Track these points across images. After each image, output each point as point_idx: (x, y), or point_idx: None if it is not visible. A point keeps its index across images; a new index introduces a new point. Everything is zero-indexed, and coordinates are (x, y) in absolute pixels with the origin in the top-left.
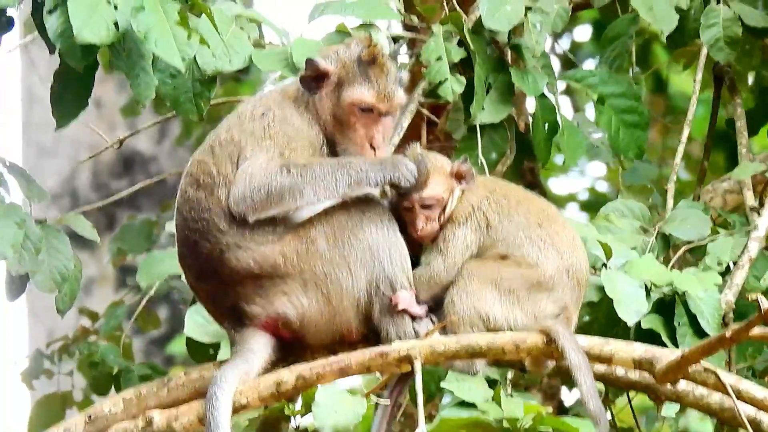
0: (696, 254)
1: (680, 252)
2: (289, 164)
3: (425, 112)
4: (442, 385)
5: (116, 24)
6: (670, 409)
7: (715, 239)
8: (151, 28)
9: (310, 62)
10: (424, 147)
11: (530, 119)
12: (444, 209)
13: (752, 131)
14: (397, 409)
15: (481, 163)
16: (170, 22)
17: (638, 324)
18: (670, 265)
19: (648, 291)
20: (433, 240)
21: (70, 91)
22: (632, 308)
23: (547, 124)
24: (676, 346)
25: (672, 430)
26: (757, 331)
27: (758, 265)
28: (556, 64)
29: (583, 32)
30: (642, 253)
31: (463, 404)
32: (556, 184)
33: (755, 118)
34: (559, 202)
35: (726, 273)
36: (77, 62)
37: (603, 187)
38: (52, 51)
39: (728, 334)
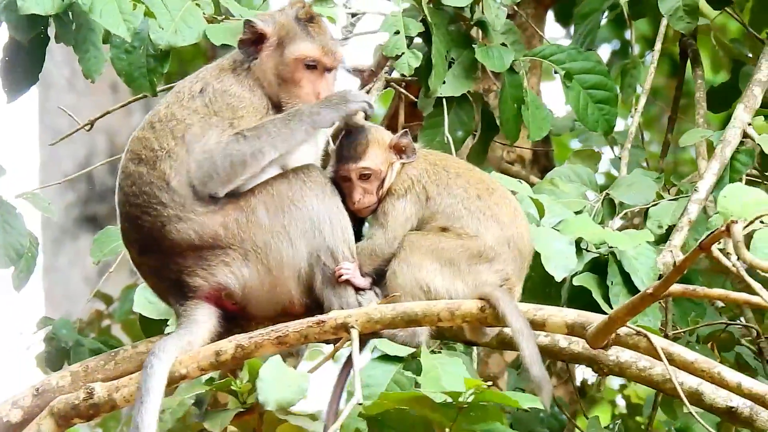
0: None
1: (619, 215)
2: (242, 131)
3: (403, 91)
4: (372, 341)
5: None
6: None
7: (658, 203)
8: None
9: (248, 23)
10: (402, 125)
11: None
12: (382, 182)
13: (726, 105)
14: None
15: (447, 139)
16: None
17: (572, 284)
18: (609, 226)
19: (581, 249)
20: (373, 213)
21: (20, 65)
22: (561, 264)
23: (515, 101)
24: (610, 305)
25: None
26: (677, 287)
27: (698, 227)
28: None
29: None
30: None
31: (386, 358)
32: None
33: (727, 92)
34: None
35: (667, 237)
36: (23, 35)
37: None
38: None
39: (650, 290)
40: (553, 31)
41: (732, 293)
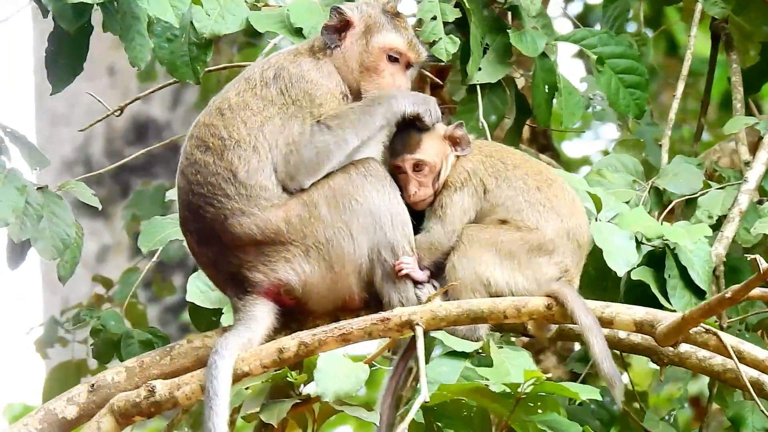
0: (690, 209)
1: (671, 205)
2: (324, 120)
3: (429, 74)
4: (432, 334)
5: None
6: None
7: (707, 193)
8: None
9: (336, 9)
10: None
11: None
12: (438, 175)
13: (755, 88)
14: (407, 375)
15: (482, 125)
16: None
17: (629, 277)
18: (661, 218)
19: (638, 243)
20: (430, 206)
21: (65, 55)
22: (622, 259)
23: (547, 86)
24: (667, 298)
25: (681, 394)
26: (756, 291)
27: (749, 217)
28: (568, 28)
29: None
30: (635, 207)
31: (453, 354)
32: (570, 148)
33: (756, 75)
34: (573, 165)
35: (717, 227)
36: (69, 24)
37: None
38: (45, 14)
39: (728, 295)
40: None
41: None
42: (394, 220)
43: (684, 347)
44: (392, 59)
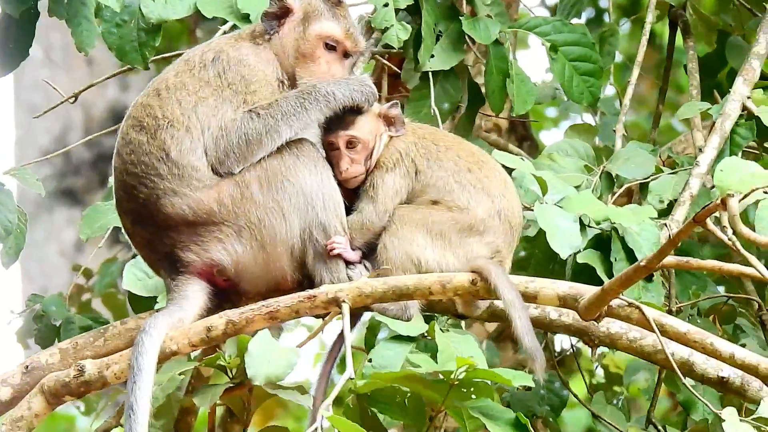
0: (644, 195)
1: (621, 190)
2: (257, 108)
3: (387, 63)
4: (376, 318)
5: None
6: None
7: (657, 177)
8: None
9: None
10: (385, 97)
11: None
12: (371, 153)
13: (712, 76)
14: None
15: (434, 112)
16: None
17: (576, 260)
18: (610, 201)
19: (585, 226)
20: (362, 186)
21: (11, 40)
22: (566, 242)
23: (501, 74)
24: None
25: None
26: (670, 259)
27: (700, 201)
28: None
29: None
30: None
31: (398, 338)
32: (548, 137)
33: (713, 63)
34: None
35: (669, 211)
36: (14, 9)
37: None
38: None
39: (643, 263)
40: None
41: (725, 265)
42: (326, 200)
43: (614, 328)
44: (329, 47)
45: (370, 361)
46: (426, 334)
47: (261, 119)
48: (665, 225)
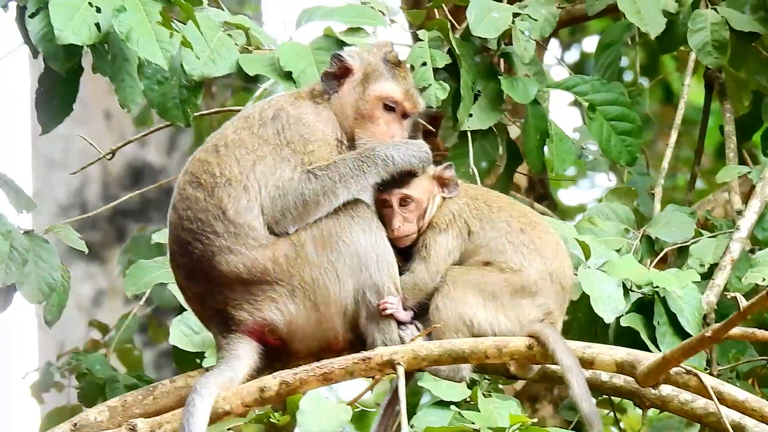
0: (682, 258)
1: (662, 253)
2: (315, 169)
3: (422, 122)
4: (419, 384)
5: (98, 25)
6: None
7: (698, 241)
8: (132, 28)
9: (336, 57)
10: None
11: None
12: (424, 213)
13: (747, 137)
14: (396, 418)
15: (472, 171)
16: (152, 21)
17: (619, 324)
18: (651, 265)
19: (627, 290)
20: (414, 246)
21: (55, 96)
22: (610, 306)
23: (538, 133)
24: (657, 345)
25: None
26: (736, 330)
27: (740, 266)
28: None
29: (592, 43)
30: (626, 255)
31: (441, 404)
32: (566, 196)
33: (748, 124)
34: (569, 213)
35: (709, 275)
36: (60, 65)
37: None
38: (35, 55)
39: (708, 333)
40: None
41: None
42: (380, 261)
43: (666, 390)
44: (388, 108)
45: (412, 426)
46: (469, 399)
47: (319, 180)
48: (732, 296)
